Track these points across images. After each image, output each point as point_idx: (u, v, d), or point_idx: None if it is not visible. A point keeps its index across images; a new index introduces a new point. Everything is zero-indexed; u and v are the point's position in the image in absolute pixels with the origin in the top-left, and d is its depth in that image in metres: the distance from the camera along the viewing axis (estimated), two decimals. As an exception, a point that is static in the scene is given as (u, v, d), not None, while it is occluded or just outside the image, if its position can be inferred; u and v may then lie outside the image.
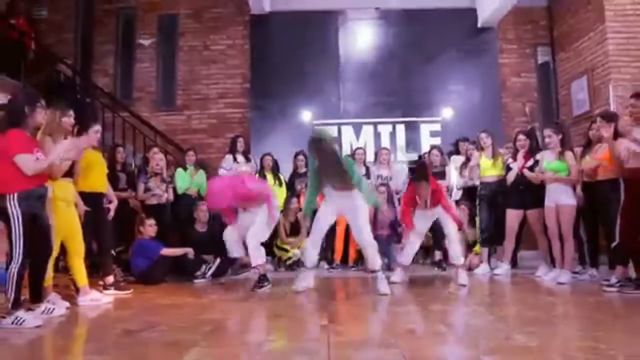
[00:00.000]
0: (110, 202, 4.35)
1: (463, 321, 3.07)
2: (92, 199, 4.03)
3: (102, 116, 6.44)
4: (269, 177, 6.07)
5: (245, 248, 4.28)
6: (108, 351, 2.29)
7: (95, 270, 4.32)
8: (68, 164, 3.51)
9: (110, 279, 4.19)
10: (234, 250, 4.41)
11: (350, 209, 3.93)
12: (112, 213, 4.33)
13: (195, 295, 4.10)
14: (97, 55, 7.61)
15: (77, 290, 3.72)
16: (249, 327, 2.94)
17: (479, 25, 7.52)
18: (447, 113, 7.37)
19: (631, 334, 2.48)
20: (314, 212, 4.20)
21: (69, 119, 3.66)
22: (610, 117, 4.08)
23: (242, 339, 2.66)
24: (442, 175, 5.87)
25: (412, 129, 7.33)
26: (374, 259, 3.88)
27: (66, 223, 3.55)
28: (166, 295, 4.04)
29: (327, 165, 3.87)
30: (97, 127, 4.27)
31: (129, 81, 7.65)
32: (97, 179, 4.18)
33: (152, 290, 4.31)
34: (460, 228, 4.68)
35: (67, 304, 3.42)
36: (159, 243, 4.97)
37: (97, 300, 3.72)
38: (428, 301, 3.61)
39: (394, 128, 7.33)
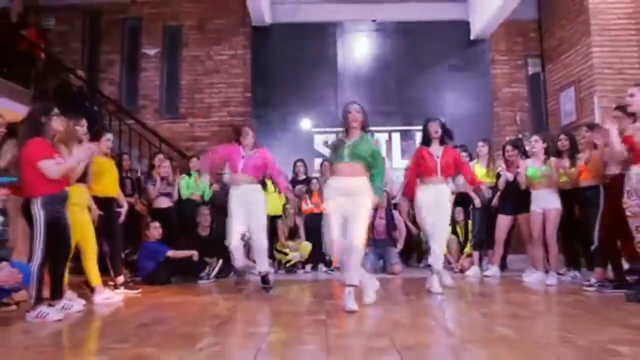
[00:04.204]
0: (121, 206, 4.57)
1: (450, 316, 3.32)
2: (104, 204, 4.27)
3: (110, 124, 6.68)
4: (268, 183, 6.16)
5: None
6: (127, 341, 2.52)
7: (105, 271, 4.52)
8: (82, 169, 3.74)
9: (121, 278, 4.43)
10: (239, 261, 4.35)
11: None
12: (122, 217, 4.56)
13: (200, 294, 4.35)
14: (103, 64, 7.87)
15: (92, 289, 3.95)
16: (253, 321, 3.18)
17: (472, 37, 7.83)
18: (441, 122, 7.59)
19: (599, 325, 2.73)
20: None
21: (81, 127, 3.98)
22: (594, 127, 4.55)
23: (248, 330, 2.91)
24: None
25: (407, 137, 7.56)
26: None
27: (80, 226, 3.77)
28: (173, 294, 4.27)
29: None
30: (109, 136, 4.53)
31: (134, 90, 7.88)
32: (109, 185, 4.42)
33: (159, 290, 4.53)
34: (477, 185, 4.74)
35: (83, 301, 3.65)
36: (164, 245, 5.20)
37: (110, 298, 3.96)
38: (418, 299, 3.86)
39: (390, 136, 7.59)
